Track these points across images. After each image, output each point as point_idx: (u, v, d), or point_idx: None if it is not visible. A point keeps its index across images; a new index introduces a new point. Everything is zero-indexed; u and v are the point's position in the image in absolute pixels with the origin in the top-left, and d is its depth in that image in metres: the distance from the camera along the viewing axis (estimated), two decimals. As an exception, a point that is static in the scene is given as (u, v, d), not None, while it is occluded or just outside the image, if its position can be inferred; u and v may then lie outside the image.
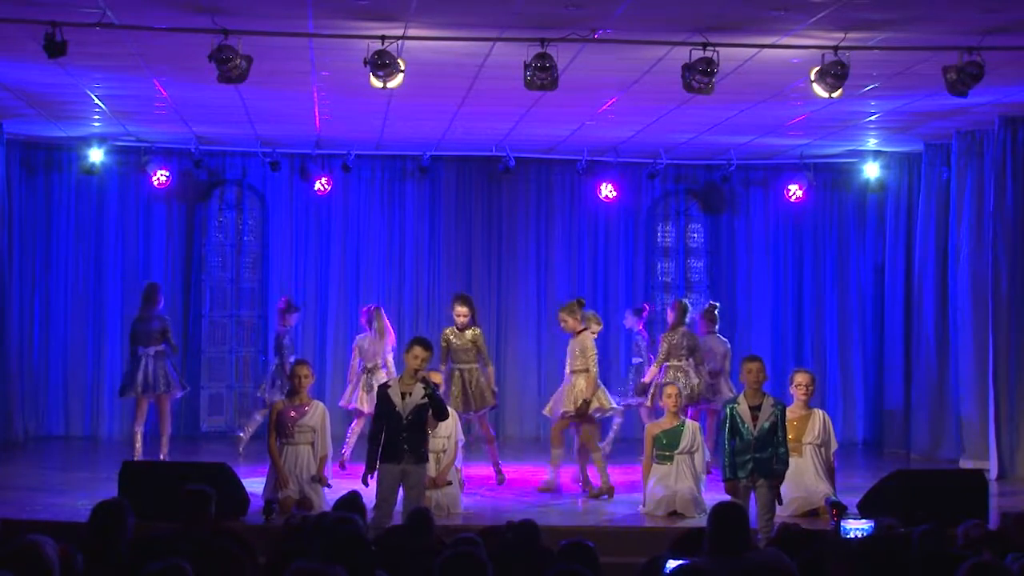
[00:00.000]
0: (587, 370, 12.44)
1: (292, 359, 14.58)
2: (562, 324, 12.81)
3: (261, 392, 14.89)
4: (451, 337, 12.98)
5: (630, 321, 15.27)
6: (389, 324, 14.03)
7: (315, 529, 7.16)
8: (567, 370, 12.66)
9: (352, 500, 8.06)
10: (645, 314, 15.34)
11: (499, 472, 13.14)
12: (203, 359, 17.01)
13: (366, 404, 13.39)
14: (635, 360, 15.10)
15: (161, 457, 13.79)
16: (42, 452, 15.66)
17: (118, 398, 15.22)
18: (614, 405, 12.94)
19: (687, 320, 14.05)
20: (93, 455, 15.68)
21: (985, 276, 14.32)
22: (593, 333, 12.81)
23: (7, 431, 15.38)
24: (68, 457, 15.63)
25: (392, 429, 10.00)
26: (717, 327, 14.61)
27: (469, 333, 12.92)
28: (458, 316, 12.96)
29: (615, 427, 14.86)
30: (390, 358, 13.87)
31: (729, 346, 14.63)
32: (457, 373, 12.86)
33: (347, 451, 13.71)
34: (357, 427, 13.85)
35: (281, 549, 7.51)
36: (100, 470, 13.45)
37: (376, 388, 13.35)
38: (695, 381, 13.61)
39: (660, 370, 13.72)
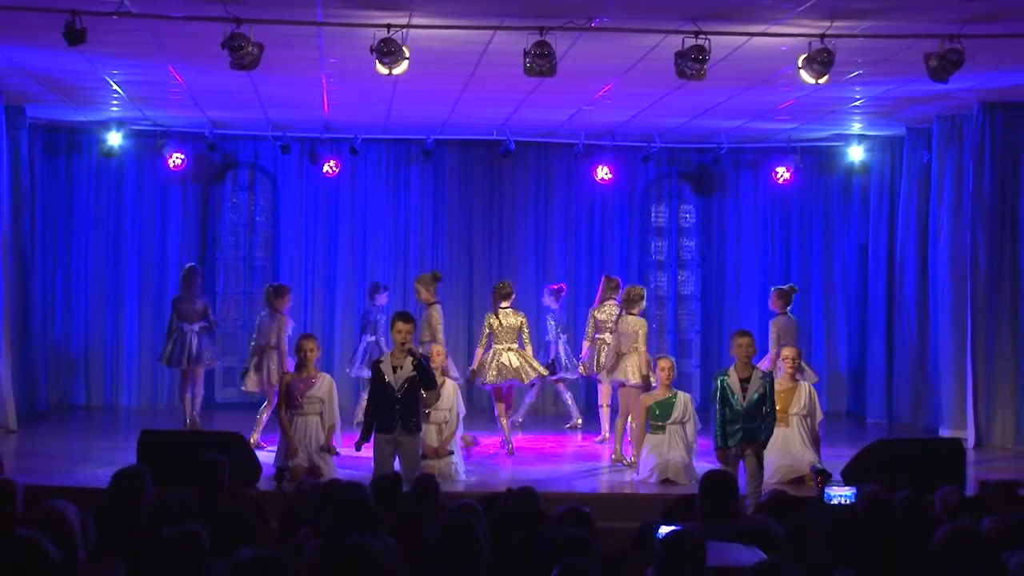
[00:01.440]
0: (434, 340, 12.41)
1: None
2: (416, 295, 12.88)
3: (350, 369, 14.87)
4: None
5: (547, 300, 15.22)
6: (284, 306, 13.25)
7: (324, 496, 7.17)
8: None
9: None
10: (563, 294, 15.34)
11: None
12: (217, 334, 16.94)
13: (254, 385, 13.04)
14: (546, 338, 15.05)
15: (189, 423, 13.89)
16: (65, 422, 15.67)
17: (157, 369, 16.00)
18: (455, 376, 12.64)
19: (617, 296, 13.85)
20: (113, 425, 15.70)
21: (964, 255, 14.30)
22: (634, 310, 12.76)
23: (32, 402, 15.39)
24: (89, 427, 15.65)
25: (385, 401, 10.08)
26: (790, 308, 13.94)
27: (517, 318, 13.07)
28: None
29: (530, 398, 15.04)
30: (284, 338, 13.11)
31: (796, 323, 14.00)
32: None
33: (256, 435, 12.93)
34: (266, 409, 13.07)
35: (292, 514, 7.53)
36: (120, 439, 13.46)
37: (269, 370, 13.01)
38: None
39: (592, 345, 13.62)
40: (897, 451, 11.42)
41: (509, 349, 12.96)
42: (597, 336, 13.83)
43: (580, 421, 15.05)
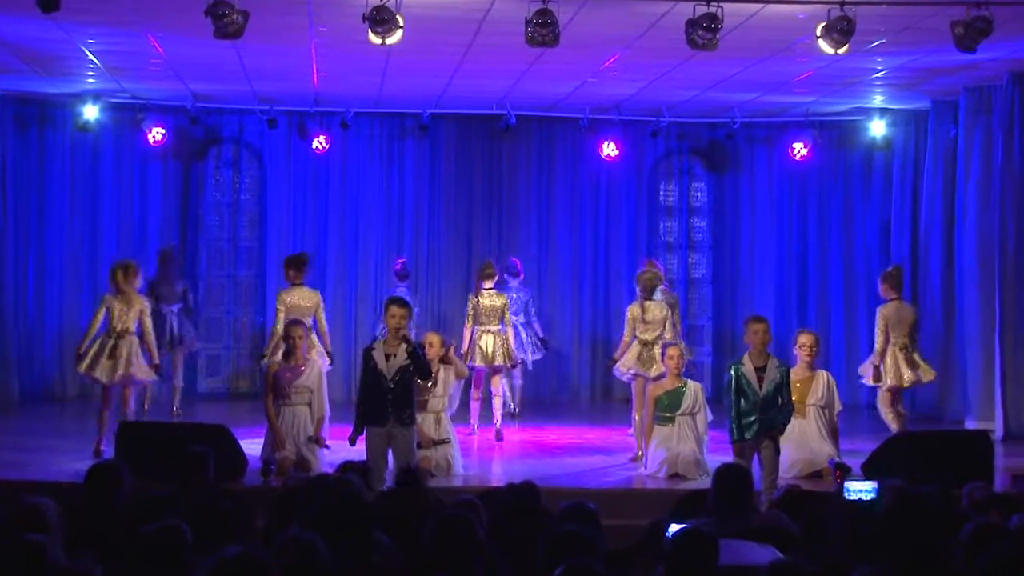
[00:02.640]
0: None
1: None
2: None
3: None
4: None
5: (511, 282, 15.19)
6: (136, 286, 12.66)
7: (313, 490, 7.17)
8: None
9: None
10: (519, 271, 15.35)
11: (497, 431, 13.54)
12: (200, 320, 16.94)
13: (105, 374, 12.36)
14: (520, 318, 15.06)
15: (175, 409, 13.89)
16: (37, 412, 15.65)
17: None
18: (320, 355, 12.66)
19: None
20: (88, 415, 15.66)
21: (992, 235, 14.29)
22: (640, 296, 12.84)
23: (2, 392, 15.39)
24: (64, 417, 15.64)
25: (378, 391, 10.03)
26: (902, 293, 13.46)
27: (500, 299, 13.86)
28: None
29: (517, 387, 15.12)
30: (148, 322, 12.55)
31: (910, 310, 13.40)
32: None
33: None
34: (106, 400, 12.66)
35: (279, 510, 7.53)
36: (95, 431, 13.45)
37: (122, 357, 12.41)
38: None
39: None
40: (921, 444, 11.43)
41: (488, 331, 13.65)
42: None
43: (516, 411, 15.06)
